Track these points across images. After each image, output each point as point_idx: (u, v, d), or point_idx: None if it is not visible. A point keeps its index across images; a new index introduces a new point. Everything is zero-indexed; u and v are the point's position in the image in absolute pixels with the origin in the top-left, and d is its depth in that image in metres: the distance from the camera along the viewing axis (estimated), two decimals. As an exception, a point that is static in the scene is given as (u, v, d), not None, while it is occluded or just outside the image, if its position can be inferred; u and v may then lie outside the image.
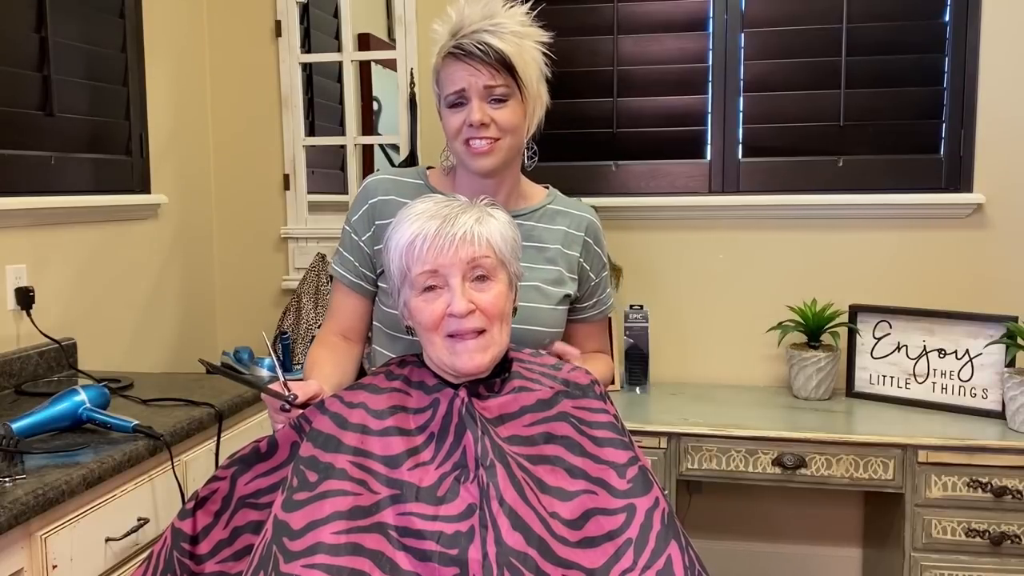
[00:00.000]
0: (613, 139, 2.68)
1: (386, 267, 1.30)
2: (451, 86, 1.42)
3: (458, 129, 1.43)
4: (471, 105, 1.41)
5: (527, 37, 1.44)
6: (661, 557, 1.11)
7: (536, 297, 1.47)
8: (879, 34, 2.51)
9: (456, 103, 1.43)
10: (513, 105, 1.43)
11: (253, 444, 1.24)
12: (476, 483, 1.12)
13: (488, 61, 1.39)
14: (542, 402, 1.23)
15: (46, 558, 1.34)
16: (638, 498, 1.16)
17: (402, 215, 1.27)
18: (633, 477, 1.19)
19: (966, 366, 2.31)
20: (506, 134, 1.43)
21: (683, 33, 2.63)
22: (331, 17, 2.93)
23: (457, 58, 1.40)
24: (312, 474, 1.14)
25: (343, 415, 1.20)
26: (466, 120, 1.41)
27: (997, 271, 2.49)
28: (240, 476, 1.22)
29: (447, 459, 1.15)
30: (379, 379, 1.27)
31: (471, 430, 1.16)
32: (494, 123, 1.42)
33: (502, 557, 1.06)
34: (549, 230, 1.54)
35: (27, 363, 2.00)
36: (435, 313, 1.20)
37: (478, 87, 1.40)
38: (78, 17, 2.24)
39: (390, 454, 1.16)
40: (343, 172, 2.86)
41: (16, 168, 2.04)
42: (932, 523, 2.11)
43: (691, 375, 2.68)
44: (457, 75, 1.41)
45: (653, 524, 1.14)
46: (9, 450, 1.42)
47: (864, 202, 2.52)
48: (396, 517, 1.10)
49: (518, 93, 1.43)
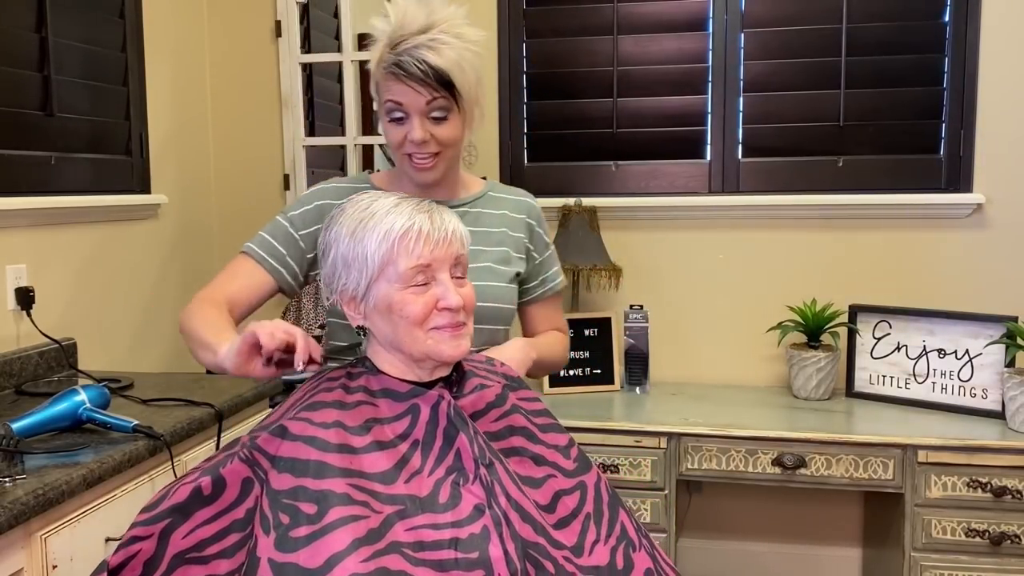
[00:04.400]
0: (613, 139, 2.68)
1: (340, 262, 1.19)
2: (390, 98, 1.43)
3: (399, 143, 1.45)
4: (411, 123, 1.42)
5: (465, 41, 1.43)
6: (616, 524, 1.22)
7: (490, 276, 1.52)
8: (879, 34, 2.51)
9: (396, 117, 1.44)
10: (452, 119, 1.44)
11: (190, 486, 1.07)
12: (479, 483, 1.12)
13: (428, 81, 1.39)
14: (499, 397, 1.25)
15: (46, 558, 1.34)
16: (585, 475, 1.25)
17: (371, 206, 1.19)
18: (576, 457, 1.27)
19: (966, 366, 2.31)
20: (447, 148, 1.46)
21: (683, 33, 2.63)
22: (331, 17, 2.93)
23: (396, 76, 1.40)
24: (308, 505, 1.05)
25: (321, 437, 1.10)
26: (407, 136, 1.43)
27: (997, 271, 2.49)
28: (175, 529, 1.06)
29: (438, 464, 1.13)
30: (337, 394, 1.17)
31: (464, 431, 1.15)
32: (434, 139, 1.44)
33: (521, 550, 1.08)
34: (493, 214, 1.59)
35: (27, 363, 2.00)
36: (427, 306, 1.17)
37: (418, 105, 1.41)
38: (78, 17, 2.24)
39: (382, 470, 1.11)
40: (343, 172, 2.86)
41: (16, 168, 2.04)
42: (932, 523, 2.11)
43: (691, 375, 2.68)
44: (396, 90, 1.42)
45: (602, 496, 1.24)
46: (9, 450, 1.42)
47: (864, 202, 2.52)
48: (406, 533, 1.06)
49: (456, 106, 1.44)
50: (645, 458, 2.23)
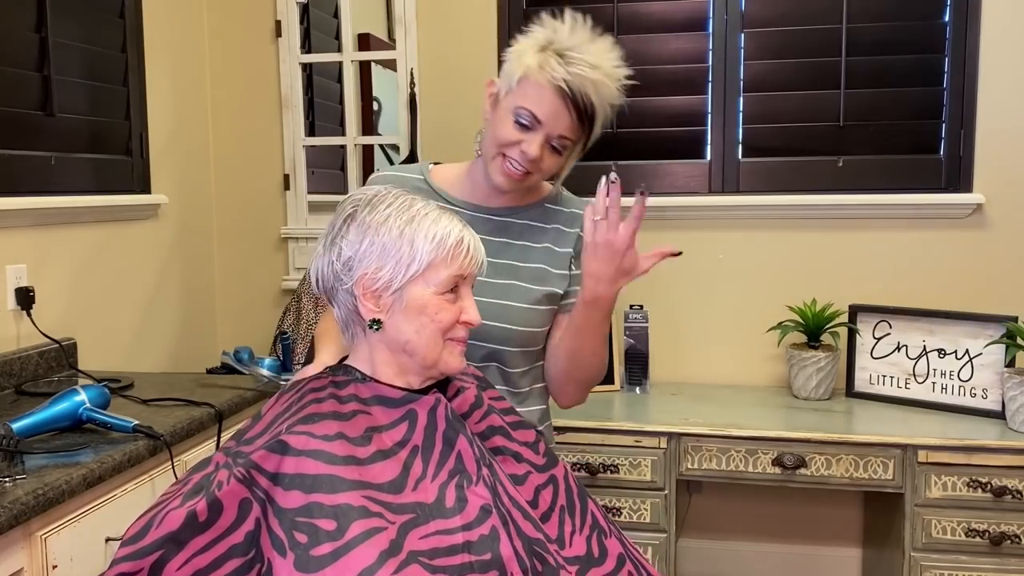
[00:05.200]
0: (613, 139, 2.68)
1: (378, 249, 1.14)
2: (531, 105, 1.37)
3: (508, 143, 1.39)
4: (534, 137, 1.38)
5: (612, 81, 1.40)
6: (588, 514, 1.24)
7: (506, 295, 1.46)
8: (879, 34, 2.51)
9: (523, 123, 1.38)
10: (565, 155, 1.43)
11: (182, 512, 1.00)
12: (483, 484, 1.12)
13: (582, 118, 1.37)
14: (477, 398, 1.25)
15: (46, 558, 1.34)
16: (554, 469, 1.27)
17: (417, 205, 1.17)
18: (544, 452, 1.28)
19: (966, 366, 2.31)
20: (543, 175, 1.44)
21: (683, 33, 2.63)
22: (331, 17, 2.93)
23: (558, 91, 1.35)
24: (326, 522, 1.01)
25: (327, 450, 1.06)
26: (520, 145, 1.38)
27: (997, 271, 2.49)
28: (169, 560, 0.99)
29: (440, 469, 1.13)
30: (330, 404, 1.14)
31: (463, 433, 1.16)
32: (540, 165, 1.40)
33: (527, 547, 1.09)
34: (539, 228, 1.52)
35: (27, 363, 2.00)
36: (454, 316, 1.17)
37: (554, 130, 1.38)
38: (78, 17, 2.24)
39: (390, 479, 1.08)
40: (343, 172, 2.86)
41: (16, 168, 2.04)
42: (932, 523, 2.11)
43: (691, 375, 2.68)
44: (546, 103, 1.36)
45: (572, 488, 1.26)
46: (9, 450, 1.42)
47: (864, 202, 2.52)
48: (420, 541, 1.05)
49: (575, 147, 1.43)
50: (645, 458, 2.23)
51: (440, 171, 1.56)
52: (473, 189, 1.51)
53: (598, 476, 2.24)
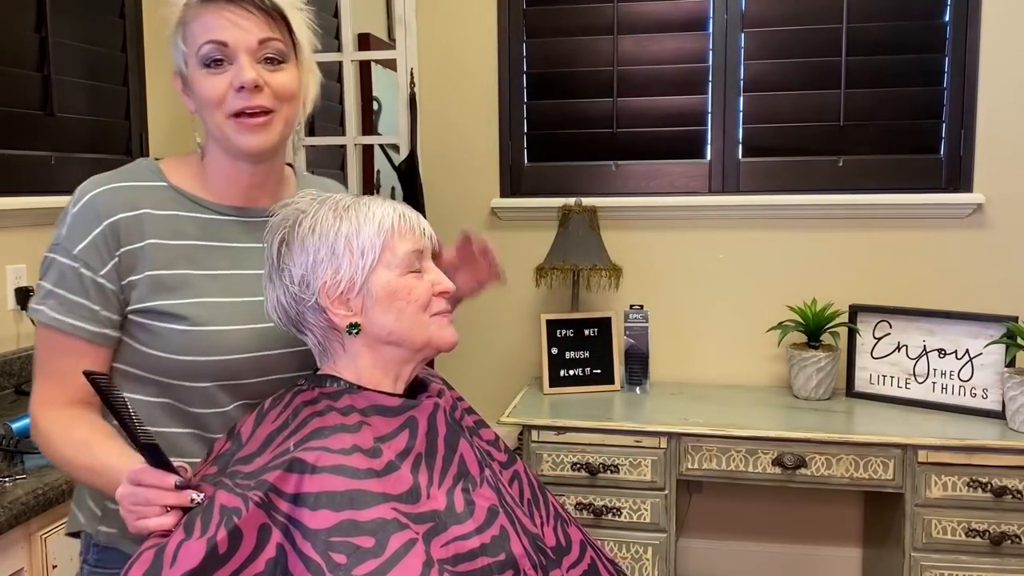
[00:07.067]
0: (613, 139, 2.68)
1: (325, 255, 1.07)
2: (210, 35, 1.12)
3: (221, 96, 1.14)
4: (239, 63, 1.12)
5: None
6: (549, 505, 1.26)
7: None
8: (879, 34, 2.51)
9: (214, 60, 1.13)
10: (290, 69, 1.17)
11: (201, 544, 0.92)
12: (487, 485, 1.12)
13: (263, 7, 1.13)
14: (454, 399, 1.25)
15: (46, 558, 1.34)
16: (516, 464, 1.27)
17: (345, 200, 1.12)
18: (505, 448, 1.28)
19: (966, 366, 2.31)
20: (283, 104, 1.16)
21: (683, 33, 2.63)
22: (331, 17, 2.93)
23: (216, 6, 1.12)
24: (364, 539, 0.97)
25: (348, 465, 1.01)
26: (232, 83, 1.12)
27: (997, 271, 2.49)
28: None
29: (445, 474, 1.11)
30: (333, 417, 1.07)
31: (463, 436, 1.15)
32: (268, 88, 1.14)
33: (532, 542, 1.10)
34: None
35: (27, 363, 2.00)
36: (428, 290, 1.16)
37: (248, 42, 1.12)
38: (78, 17, 2.24)
39: (407, 489, 1.05)
40: (343, 172, 2.86)
41: (16, 168, 2.04)
42: (932, 523, 2.11)
43: (691, 375, 2.68)
44: (217, 24, 1.12)
45: (532, 481, 1.27)
46: (9, 450, 1.43)
47: (864, 202, 2.52)
48: (441, 550, 1.03)
49: (294, 56, 1.18)
50: (645, 458, 2.23)
51: (175, 171, 1.30)
52: (229, 186, 1.25)
53: (598, 476, 2.24)
